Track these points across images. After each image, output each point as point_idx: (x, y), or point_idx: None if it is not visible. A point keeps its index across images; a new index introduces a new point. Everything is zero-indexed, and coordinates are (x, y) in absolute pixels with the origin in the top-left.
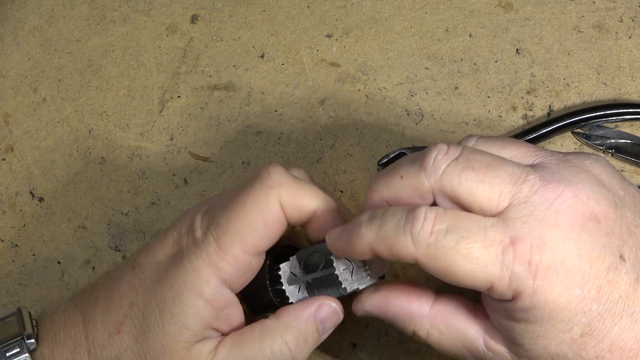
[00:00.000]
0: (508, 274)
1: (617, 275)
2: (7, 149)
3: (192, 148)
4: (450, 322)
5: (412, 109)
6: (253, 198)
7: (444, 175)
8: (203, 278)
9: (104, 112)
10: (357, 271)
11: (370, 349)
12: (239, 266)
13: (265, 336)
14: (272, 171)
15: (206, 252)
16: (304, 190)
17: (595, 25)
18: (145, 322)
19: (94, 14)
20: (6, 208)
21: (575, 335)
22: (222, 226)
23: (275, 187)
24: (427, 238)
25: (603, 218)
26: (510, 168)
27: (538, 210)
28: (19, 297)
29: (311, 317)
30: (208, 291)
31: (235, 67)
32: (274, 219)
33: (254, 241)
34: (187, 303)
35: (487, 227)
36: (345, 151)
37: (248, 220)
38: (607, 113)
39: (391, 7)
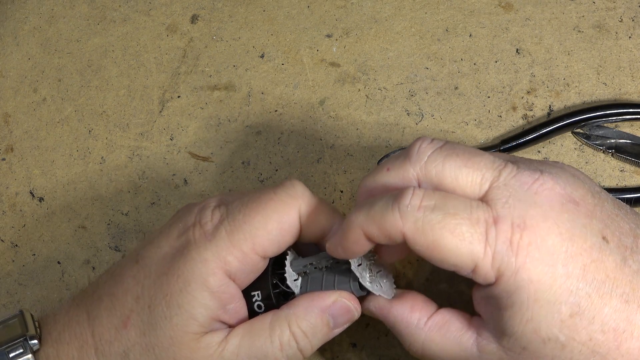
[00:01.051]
0: (491, 252)
1: (601, 254)
2: (7, 149)
3: (192, 148)
4: (444, 333)
5: (412, 109)
6: (275, 202)
7: (428, 162)
8: (210, 269)
9: (104, 112)
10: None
11: (370, 349)
12: (246, 264)
13: (275, 326)
14: (295, 183)
15: (216, 245)
16: (322, 208)
17: (595, 25)
18: (152, 314)
19: (94, 14)
20: (6, 208)
21: (565, 316)
22: (238, 221)
23: (297, 197)
24: (414, 212)
25: (582, 202)
26: (491, 157)
27: (517, 192)
28: (19, 297)
29: (324, 311)
30: (214, 282)
31: (235, 67)
32: (289, 227)
33: (266, 243)
34: (194, 294)
35: (472, 206)
36: (345, 151)
37: (265, 221)
38: (607, 113)
39: (391, 7)
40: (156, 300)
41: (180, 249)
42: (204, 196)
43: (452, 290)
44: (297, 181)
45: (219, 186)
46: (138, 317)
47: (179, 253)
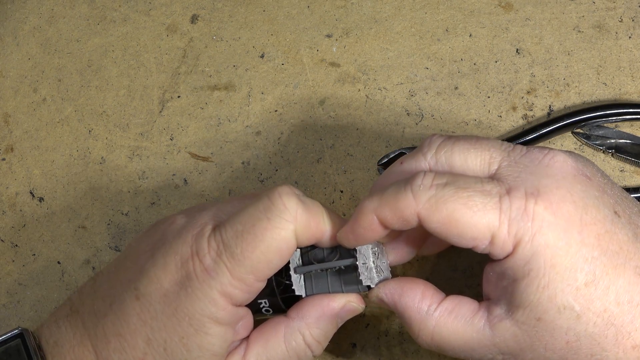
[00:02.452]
0: (507, 220)
1: (614, 227)
2: (7, 149)
3: (192, 148)
4: (454, 317)
5: (412, 109)
6: (271, 233)
7: (438, 149)
8: (219, 306)
9: (104, 112)
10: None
11: (370, 349)
12: (251, 292)
13: (290, 340)
14: (287, 202)
15: (220, 282)
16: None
17: (595, 25)
18: (170, 357)
19: (94, 14)
20: (6, 208)
21: (580, 283)
22: (237, 257)
23: (291, 220)
24: (427, 191)
25: (593, 177)
26: (498, 141)
27: (528, 167)
28: (19, 297)
29: (335, 317)
30: (226, 316)
31: (235, 67)
32: (288, 250)
33: (267, 272)
34: (210, 332)
35: (483, 181)
36: (345, 151)
37: (265, 255)
38: (607, 113)
39: (391, 7)
40: (172, 343)
41: (183, 287)
42: (203, 196)
43: (453, 289)
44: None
45: (219, 186)
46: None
47: (183, 291)
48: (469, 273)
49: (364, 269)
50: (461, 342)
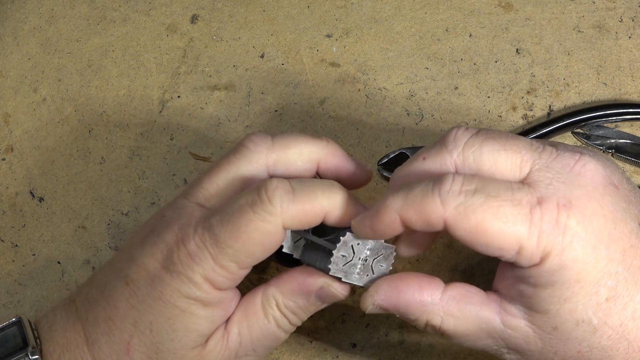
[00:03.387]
0: (537, 232)
1: (638, 241)
2: (7, 149)
3: (192, 148)
4: (464, 305)
5: (412, 109)
6: (255, 225)
7: (465, 148)
8: (203, 290)
9: (104, 112)
10: (351, 266)
11: (370, 349)
12: (235, 279)
13: (266, 306)
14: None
15: (202, 267)
16: (308, 205)
17: (595, 25)
18: (157, 338)
19: (94, 14)
20: (6, 208)
21: (602, 299)
22: (220, 244)
23: (277, 214)
24: (455, 197)
25: (620, 186)
26: (528, 140)
27: (560, 174)
28: (19, 297)
29: (310, 294)
30: (212, 300)
31: (235, 67)
32: (272, 243)
33: (250, 262)
34: (196, 313)
35: (514, 188)
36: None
37: (247, 246)
38: (607, 113)
39: (391, 7)
40: (158, 325)
41: (168, 271)
42: None
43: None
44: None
45: None
46: (140, 342)
47: (167, 275)
48: (469, 273)
49: (341, 261)
50: (469, 331)
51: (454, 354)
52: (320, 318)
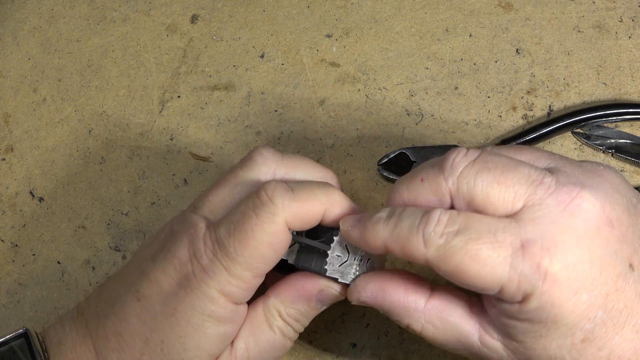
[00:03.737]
0: (517, 276)
1: (625, 284)
2: (7, 149)
3: (192, 148)
4: (445, 317)
5: (412, 109)
6: (260, 228)
7: (461, 177)
8: (219, 305)
9: (104, 112)
10: (347, 266)
11: (370, 349)
12: (250, 289)
13: (270, 318)
14: (274, 196)
15: (218, 281)
16: (308, 205)
17: (595, 25)
18: (167, 356)
19: (94, 14)
20: (6, 208)
21: (577, 340)
22: (231, 255)
23: (280, 214)
24: (437, 239)
25: (617, 224)
26: (526, 170)
27: (552, 213)
28: (19, 297)
29: (311, 299)
30: (225, 314)
31: (235, 67)
32: (281, 244)
33: (263, 267)
34: (209, 332)
35: (497, 229)
36: (345, 151)
37: (257, 250)
38: (607, 113)
39: (391, 7)
40: (169, 343)
41: (182, 287)
42: None
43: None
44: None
45: None
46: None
47: (182, 291)
48: None
49: (337, 261)
50: (447, 341)
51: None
52: (320, 318)
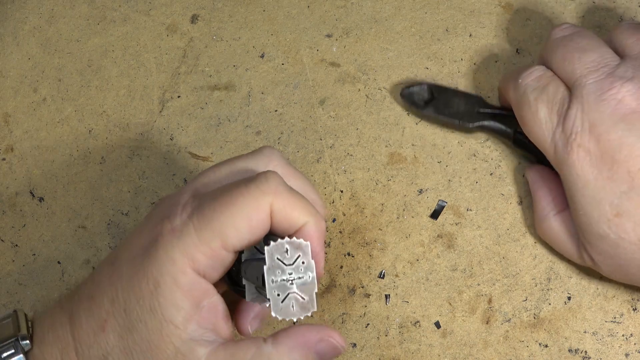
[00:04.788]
0: (553, 147)
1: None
2: (7, 149)
3: (192, 148)
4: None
5: (412, 109)
6: (245, 198)
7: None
8: (179, 268)
9: (104, 112)
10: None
11: (370, 349)
12: (215, 260)
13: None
14: (270, 177)
15: (184, 242)
16: (297, 204)
17: (596, 25)
18: (128, 318)
19: (94, 14)
20: (6, 208)
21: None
22: (206, 217)
23: (269, 193)
24: (523, 87)
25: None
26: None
27: (590, 96)
28: (19, 297)
29: (309, 351)
30: (185, 281)
31: (235, 67)
32: (258, 224)
33: (235, 240)
34: (164, 295)
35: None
36: (345, 151)
37: (234, 218)
38: None
39: (391, 7)
40: (130, 304)
41: (149, 248)
42: None
43: (453, 289)
44: (272, 174)
45: None
46: (115, 321)
47: (147, 252)
48: (469, 273)
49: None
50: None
51: (453, 354)
52: (320, 318)
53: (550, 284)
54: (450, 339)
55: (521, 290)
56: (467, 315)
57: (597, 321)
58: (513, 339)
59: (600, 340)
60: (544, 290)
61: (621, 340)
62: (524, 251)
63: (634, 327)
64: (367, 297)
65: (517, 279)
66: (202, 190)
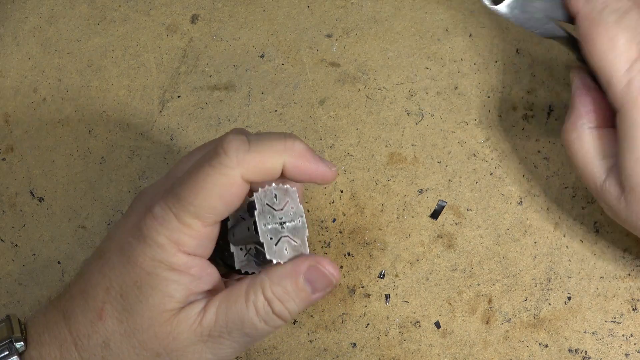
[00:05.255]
0: (626, 80)
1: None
2: (7, 149)
3: (192, 148)
4: (590, 145)
5: (412, 109)
6: (212, 178)
7: None
8: (169, 252)
9: (104, 112)
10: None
11: (370, 349)
12: (200, 239)
13: (250, 292)
14: (227, 147)
15: (167, 228)
16: (264, 155)
17: None
18: (126, 301)
19: (94, 14)
20: (6, 208)
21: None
22: (181, 202)
23: (234, 167)
24: (599, 3)
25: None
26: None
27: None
28: (19, 297)
29: (297, 276)
30: (178, 262)
31: (235, 67)
32: (232, 197)
33: (214, 217)
34: (163, 275)
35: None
36: (345, 151)
37: (207, 201)
38: None
39: (391, 7)
40: (127, 288)
41: (136, 237)
42: None
43: (453, 289)
44: (229, 141)
45: None
46: (112, 307)
47: (134, 240)
48: (469, 273)
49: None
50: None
51: (453, 354)
52: (320, 318)
53: (550, 284)
54: (450, 339)
55: (521, 290)
56: (467, 315)
57: (597, 321)
58: (513, 339)
59: (600, 340)
60: (544, 290)
61: (621, 340)
62: (524, 251)
63: (634, 327)
64: (367, 297)
65: (517, 279)
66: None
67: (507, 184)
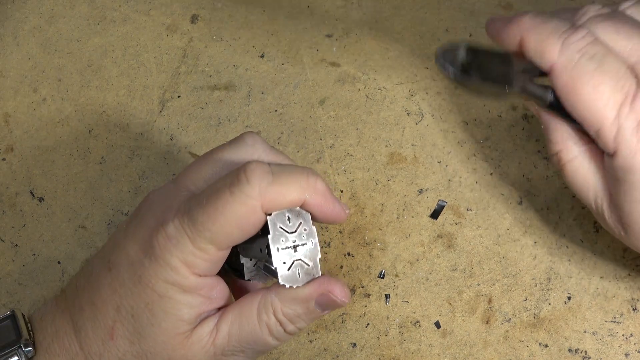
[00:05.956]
0: (617, 126)
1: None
2: (7, 149)
3: (192, 148)
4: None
5: (412, 109)
6: (232, 207)
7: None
8: (181, 275)
9: (104, 112)
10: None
11: (370, 348)
12: (213, 261)
13: (262, 312)
14: (251, 178)
15: (181, 251)
16: (287, 189)
17: None
18: (137, 323)
19: (94, 14)
20: (6, 208)
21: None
22: (198, 227)
23: (254, 197)
24: (574, 52)
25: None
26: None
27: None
28: (19, 297)
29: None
30: (189, 284)
31: (235, 67)
32: (250, 226)
33: (228, 243)
34: (175, 298)
35: (621, 72)
36: (345, 151)
37: (224, 228)
38: None
39: (391, 7)
40: (138, 310)
41: (147, 255)
42: None
43: (453, 289)
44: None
45: None
46: (123, 327)
47: (146, 259)
48: (469, 273)
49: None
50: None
51: (453, 353)
52: (320, 318)
53: (550, 284)
54: (450, 339)
55: (521, 290)
56: (467, 315)
57: (597, 321)
58: (513, 339)
59: (600, 340)
60: (544, 290)
61: (621, 340)
62: (524, 251)
63: (634, 327)
64: (367, 297)
65: (517, 279)
66: (192, 188)
67: (507, 184)
